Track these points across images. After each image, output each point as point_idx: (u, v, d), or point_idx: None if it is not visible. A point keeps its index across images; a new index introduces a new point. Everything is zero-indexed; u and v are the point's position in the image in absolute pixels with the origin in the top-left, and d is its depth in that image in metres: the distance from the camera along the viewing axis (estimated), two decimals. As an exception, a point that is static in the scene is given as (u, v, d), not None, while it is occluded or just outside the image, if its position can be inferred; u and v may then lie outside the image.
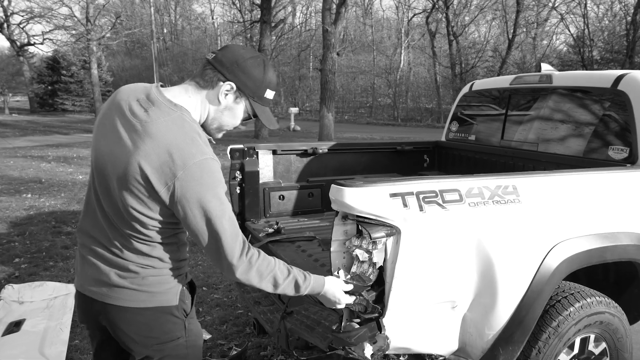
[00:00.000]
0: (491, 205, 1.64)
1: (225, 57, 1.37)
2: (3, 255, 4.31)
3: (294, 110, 20.45)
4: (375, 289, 1.54)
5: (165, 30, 45.66)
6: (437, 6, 26.40)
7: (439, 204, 1.56)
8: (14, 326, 2.98)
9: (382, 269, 1.53)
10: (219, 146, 3.07)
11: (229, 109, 1.41)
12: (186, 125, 1.31)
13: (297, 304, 2.00)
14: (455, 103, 3.62)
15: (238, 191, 2.80)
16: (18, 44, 30.87)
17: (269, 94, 1.43)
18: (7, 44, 32.92)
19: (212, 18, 44.32)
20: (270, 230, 2.63)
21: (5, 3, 30.53)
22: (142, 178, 1.26)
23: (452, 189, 1.60)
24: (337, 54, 15.19)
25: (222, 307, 3.42)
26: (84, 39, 27.13)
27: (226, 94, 1.38)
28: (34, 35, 31.91)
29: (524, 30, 25.95)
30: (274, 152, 2.99)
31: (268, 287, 1.37)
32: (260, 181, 2.91)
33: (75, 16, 29.16)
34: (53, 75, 28.84)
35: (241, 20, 23.83)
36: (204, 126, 1.42)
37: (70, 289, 3.48)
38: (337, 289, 1.47)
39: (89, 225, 1.43)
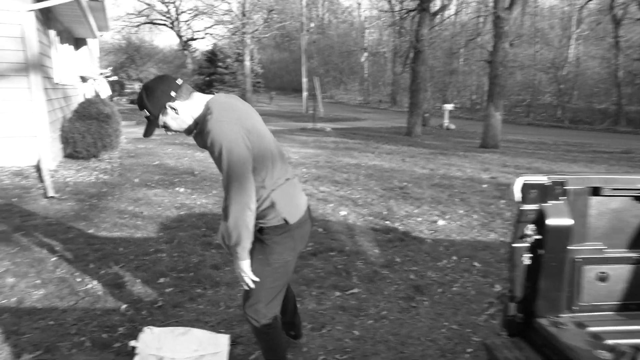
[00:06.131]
0: None
1: None
2: (149, 271, 3.60)
3: (448, 106, 18.60)
4: None
5: (312, 24, 46.42)
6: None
7: None
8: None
9: None
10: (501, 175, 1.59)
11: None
12: None
13: None
14: None
15: (529, 262, 1.49)
16: (184, 39, 33.49)
17: None
18: (176, 40, 36.09)
19: (359, 11, 43.82)
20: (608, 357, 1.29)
21: (177, 3, 33.31)
22: None
23: None
24: (510, 44, 13.10)
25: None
26: (239, 33, 28.31)
27: None
28: (197, 31, 34.48)
29: None
30: (595, 192, 1.59)
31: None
32: (569, 245, 1.55)
33: (232, 11, 30.70)
34: (211, 67, 30.57)
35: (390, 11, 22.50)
36: None
37: (221, 342, 2.52)
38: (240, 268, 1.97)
39: None
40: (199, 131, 1.94)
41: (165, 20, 34.31)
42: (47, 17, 7.78)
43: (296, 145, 11.27)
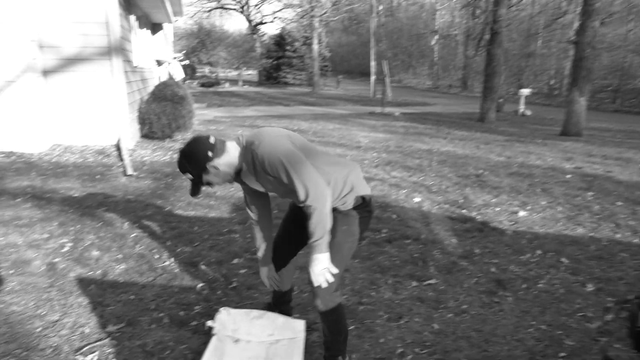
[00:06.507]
0: None
1: None
2: (223, 251, 3.62)
3: (525, 91, 17.55)
4: None
5: (381, 7, 45.43)
6: None
7: None
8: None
9: None
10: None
11: None
12: None
13: None
14: None
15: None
16: (253, 23, 33.97)
17: None
18: (245, 24, 36.71)
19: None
20: None
21: (247, -13, 33.77)
22: None
23: None
24: (602, 23, 12.09)
25: None
26: (307, 16, 28.24)
27: None
28: (266, 15, 34.85)
29: None
30: None
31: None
32: None
33: (302, -6, 30.63)
34: (279, 51, 30.87)
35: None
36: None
37: (297, 328, 2.46)
38: (322, 266, 1.94)
39: None
40: (247, 169, 2.00)
41: (235, 5, 34.96)
42: (128, 3, 8.06)
43: (365, 130, 11.08)
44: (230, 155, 1.97)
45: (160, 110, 7.90)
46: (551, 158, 8.15)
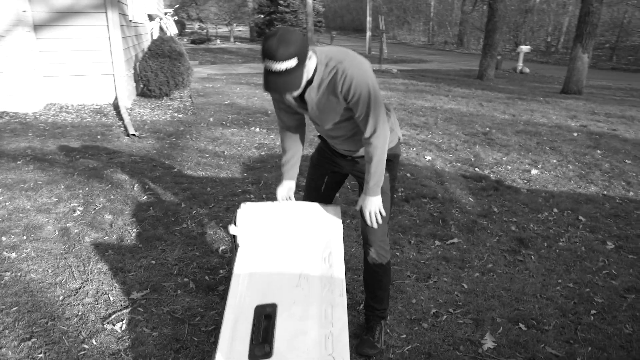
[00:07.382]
0: None
1: None
2: (238, 212, 3.54)
3: (524, 48, 17.21)
4: None
5: (374, -41, 43.76)
6: None
7: None
8: (264, 333, 1.75)
9: None
10: None
11: None
12: None
13: None
14: None
15: None
16: (244, -25, 32.64)
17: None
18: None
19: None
20: None
21: None
22: None
23: None
24: (607, -25, 11.70)
25: None
26: (300, -31, 27.18)
27: None
28: (257, -33, 33.38)
29: None
30: None
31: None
32: None
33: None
34: (271, 6, 29.88)
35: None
36: None
37: (332, 218, 2.07)
38: (376, 205, 1.98)
39: None
40: (318, 84, 1.76)
41: (224, -43, 33.47)
42: (118, -49, 7.62)
43: (365, 87, 10.85)
44: (311, 59, 1.71)
45: (157, 67, 7.62)
46: (555, 116, 8.07)
